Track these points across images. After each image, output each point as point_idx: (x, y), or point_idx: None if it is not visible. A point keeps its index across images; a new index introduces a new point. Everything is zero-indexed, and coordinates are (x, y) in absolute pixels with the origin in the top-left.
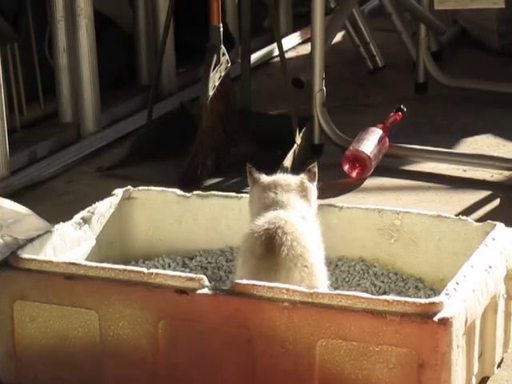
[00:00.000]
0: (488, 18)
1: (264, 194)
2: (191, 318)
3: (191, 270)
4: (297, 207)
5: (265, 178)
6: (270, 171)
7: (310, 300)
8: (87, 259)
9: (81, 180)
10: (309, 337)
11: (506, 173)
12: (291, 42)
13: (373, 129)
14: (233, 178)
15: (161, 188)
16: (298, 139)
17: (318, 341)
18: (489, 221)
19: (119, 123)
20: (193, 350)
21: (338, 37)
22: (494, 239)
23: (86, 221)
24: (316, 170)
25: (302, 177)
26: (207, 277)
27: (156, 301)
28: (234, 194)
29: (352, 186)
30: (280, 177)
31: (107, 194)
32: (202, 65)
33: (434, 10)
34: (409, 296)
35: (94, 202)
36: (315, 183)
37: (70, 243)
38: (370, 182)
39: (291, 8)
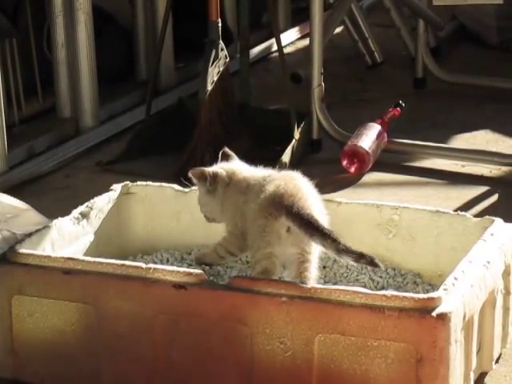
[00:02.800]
0: (487, 14)
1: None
2: (189, 313)
3: (189, 265)
4: None
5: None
6: (269, 166)
7: (308, 295)
8: (85, 254)
9: (79, 175)
10: (307, 332)
11: (505, 168)
12: (290, 37)
13: (371, 124)
14: None
15: (159, 183)
16: (297, 134)
17: (316, 336)
18: (487, 216)
19: (118, 118)
20: (191, 344)
21: (337, 32)
22: (492, 234)
23: (84, 216)
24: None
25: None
26: (205, 272)
27: (154, 296)
28: None
29: (350, 181)
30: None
31: (106, 188)
32: (201, 60)
33: (433, 5)
34: (407, 291)
35: (93, 197)
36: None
37: (68, 238)
38: (369, 177)
39: (290, 3)
